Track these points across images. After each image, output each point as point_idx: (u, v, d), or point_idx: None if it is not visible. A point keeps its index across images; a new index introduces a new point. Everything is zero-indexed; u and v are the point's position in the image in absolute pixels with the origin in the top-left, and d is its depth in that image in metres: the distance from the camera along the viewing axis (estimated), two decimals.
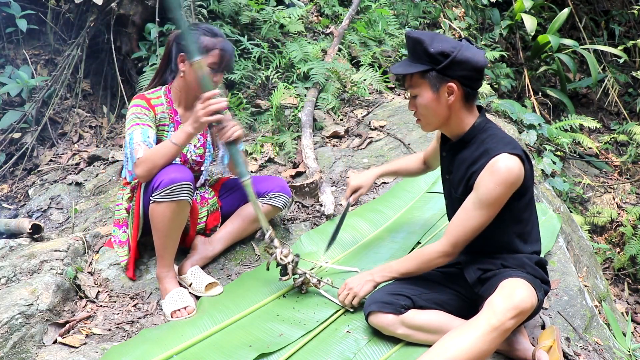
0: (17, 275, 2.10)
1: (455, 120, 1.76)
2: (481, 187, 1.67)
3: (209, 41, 2.04)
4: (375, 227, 2.53)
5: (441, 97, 1.71)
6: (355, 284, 1.94)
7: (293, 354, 1.81)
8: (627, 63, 6.27)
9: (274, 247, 2.01)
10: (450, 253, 1.78)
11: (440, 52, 1.65)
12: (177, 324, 1.94)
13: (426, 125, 1.82)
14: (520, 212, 1.76)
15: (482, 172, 1.67)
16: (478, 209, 1.69)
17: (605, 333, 2.22)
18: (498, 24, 5.69)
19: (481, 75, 1.71)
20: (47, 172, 3.47)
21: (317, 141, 3.34)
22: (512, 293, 1.59)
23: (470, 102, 1.75)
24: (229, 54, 2.07)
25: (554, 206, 2.90)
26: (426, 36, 1.68)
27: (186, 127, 1.91)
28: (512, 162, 1.64)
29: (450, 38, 1.73)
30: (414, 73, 1.72)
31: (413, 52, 1.73)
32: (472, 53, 1.67)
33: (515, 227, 1.78)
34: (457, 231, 1.74)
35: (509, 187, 1.65)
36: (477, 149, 1.73)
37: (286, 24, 4.00)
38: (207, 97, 1.84)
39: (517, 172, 1.65)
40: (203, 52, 2.02)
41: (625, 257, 4.14)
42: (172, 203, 1.94)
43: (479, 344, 1.51)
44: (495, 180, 1.64)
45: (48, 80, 3.73)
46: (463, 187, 1.77)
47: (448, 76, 1.68)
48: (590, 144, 4.84)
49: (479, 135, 1.75)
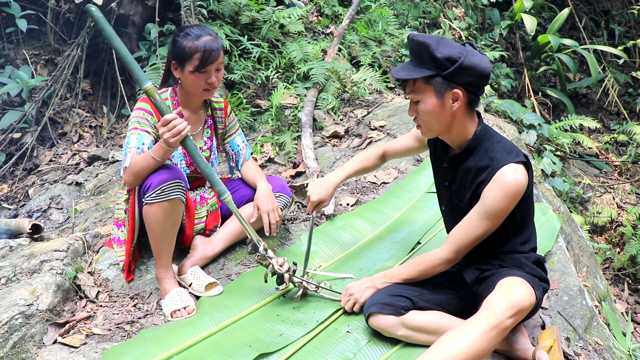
0: (17, 275, 2.10)
1: (457, 127, 1.74)
2: (488, 199, 1.66)
3: (190, 44, 2.02)
4: (375, 227, 2.53)
5: (445, 103, 1.67)
6: (356, 290, 1.93)
7: (293, 354, 1.81)
8: (627, 63, 6.27)
9: (269, 258, 2.01)
10: (452, 260, 1.79)
11: (447, 58, 1.61)
12: (177, 324, 1.94)
13: (427, 132, 1.79)
14: (520, 214, 1.76)
15: (489, 184, 1.66)
16: (484, 220, 1.69)
17: (605, 333, 2.22)
18: (498, 24, 5.69)
19: (486, 82, 1.68)
20: (47, 172, 3.47)
21: (317, 141, 3.34)
22: (510, 292, 1.59)
23: (472, 108, 1.73)
24: (208, 52, 2.02)
25: (554, 206, 2.90)
26: (432, 40, 1.63)
27: (163, 145, 1.88)
28: (519, 173, 1.64)
29: (455, 43, 1.68)
30: (419, 78, 1.67)
31: (418, 56, 1.67)
32: (478, 59, 1.63)
33: (513, 228, 1.78)
34: (460, 239, 1.75)
35: (515, 198, 1.66)
36: (482, 158, 1.72)
37: (286, 24, 4.00)
38: (167, 120, 1.81)
39: (524, 184, 1.65)
40: (187, 57, 2.01)
41: (625, 257, 4.14)
42: (165, 203, 1.94)
43: (477, 343, 1.51)
44: (503, 193, 1.64)
45: (48, 80, 3.74)
46: (470, 197, 1.76)
47: (454, 82, 1.64)
48: (590, 144, 4.84)
49: (482, 143, 1.74)
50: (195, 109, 2.24)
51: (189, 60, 2.03)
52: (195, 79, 2.06)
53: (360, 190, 2.89)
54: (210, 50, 2.02)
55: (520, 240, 1.80)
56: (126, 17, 3.75)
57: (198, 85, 2.08)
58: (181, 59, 2.05)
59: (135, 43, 3.84)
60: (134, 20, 3.79)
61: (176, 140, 1.83)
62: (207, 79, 2.07)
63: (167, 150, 1.88)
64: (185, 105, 2.20)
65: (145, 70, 3.51)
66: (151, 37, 3.64)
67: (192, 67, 2.03)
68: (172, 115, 1.82)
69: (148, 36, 3.72)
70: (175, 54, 2.06)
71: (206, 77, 2.06)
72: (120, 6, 3.70)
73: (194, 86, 2.09)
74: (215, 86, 2.12)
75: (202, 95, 2.15)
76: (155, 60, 3.53)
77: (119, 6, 3.68)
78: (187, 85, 2.11)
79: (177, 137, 1.83)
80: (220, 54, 2.07)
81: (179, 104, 2.18)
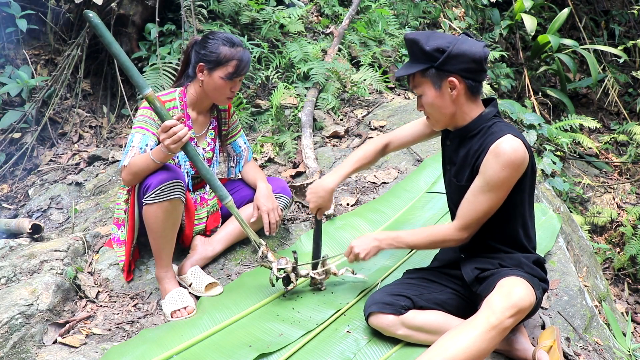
0: (17, 275, 2.10)
1: (461, 115, 1.76)
2: (488, 171, 1.67)
3: (227, 51, 2.07)
4: (375, 227, 2.53)
5: (444, 93, 1.72)
6: (361, 248, 1.92)
7: (293, 354, 1.81)
8: (627, 63, 6.27)
9: (270, 262, 2.01)
10: (462, 237, 1.79)
11: (435, 49, 1.67)
12: (177, 324, 1.94)
13: (435, 123, 1.83)
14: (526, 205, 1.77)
15: (487, 155, 1.67)
16: (487, 192, 1.69)
17: (605, 333, 2.22)
18: (498, 24, 5.69)
19: (481, 67, 1.70)
20: (47, 172, 3.47)
21: (317, 141, 3.34)
22: (510, 292, 1.59)
23: (475, 95, 1.75)
24: (245, 63, 2.11)
25: (554, 206, 2.90)
26: (422, 36, 1.70)
27: (163, 149, 1.88)
28: (517, 143, 1.64)
29: (448, 34, 1.73)
30: (415, 73, 1.74)
31: (411, 53, 1.75)
32: (468, 45, 1.67)
33: (521, 221, 1.79)
34: (467, 215, 1.75)
35: (516, 169, 1.65)
36: (482, 137, 1.74)
37: (286, 24, 4.00)
38: (168, 126, 1.81)
39: (523, 154, 1.65)
40: (222, 62, 2.06)
41: (625, 257, 4.14)
42: (164, 203, 1.94)
43: (477, 343, 1.51)
44: (501, 162, 1.64)
45: (48, 80, 3.73)
46: (469, 174, 1.77)
47: (447, 71, 1.69)
48: (590, 144, 4.83)
49: (485, 124, 1.75)
50: (203, 111, 2.25)
51: (223, 65, 2.07)
52: (222, 85, 2.10)
53: (360, 190, 2.89)
54: (247, 61, 2.11)
55: (527, 235, 1.81)
56: (126, 17, 3.75)
57: (223, 92, 2.12)
58: (214, 63, 2.07)
59: (135, 43, 3.84)
60: (134, 20, 3.79)
61: (177, 146, 1.84)
62: (232, 88, 2.13)
63: (167, 154, 1.89)
64: (194, 107, 2.21)
65: (145, 70, 3.51)
66: (151, 37, 3.64)
67: (224, 74, 2.07)
68: (172, 121, 1.82)
69: (148, 36, 3.72)
70: (207, 57, 2.08)
71: (232, 86, 2.12)
72: (120, 6, 3.70)
73: (218, 92, 2.12)
74: (234, 96, 2.20)
75: (222, 102, 2.20)
76: (155, 60, 3.53)
77: (119, 6, 3.68)
78: (209, 89, 2.12)
79: (177, 143, 1.83)
80: (249, 67, 2.16)
81: (186, 105, 2.19)
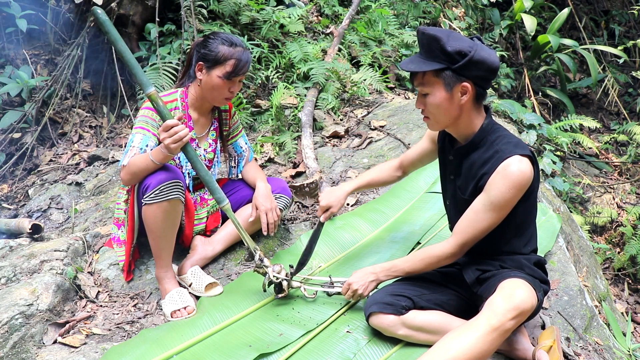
0: (17, 275, 2.10)
1: (464, 121, 1.74)
2: (493, 190, 1.66)
3: (226, 50, 2.07)
4: (375, 227, 2.53)
5: (454, 96, 1.68)
6: (359, 284, 1.91)
7: (293, 354, 1.81)
8: (627, 63, 6.28)
9: (265, 267, 2.00)
10: (458, 253, 1.78)
11: (458, 51, 1.62)
12: (177, 324, 1.94)
13: (434, 124, 1.80)
14: (523, 214, 1.76)
15: (494, 174, 1.65)
16: (489, 211, 1.68)
17: (605, 333, 2.22)
18: (498, 24, 5.69)
19: (494, 76, 1.69)
20: (47, 172, 3.47)
21: (317, 141, 3.34)
22: (512, 294, 1.58)
23: (480, 102, 1.74)
24: (243, 63, 2.09)
25: (554, 206, 2.90)
26: (443, 33, 1.64)
27: (163, 150, 1.88)
28: (524, 165, 1.63)
29: (465, 37, 1.69)
30: (428, 71, 1.68)
31: (428, 49, 1.67)
32: (487, 53, 1.64)
33: (515, 229, 1.77)
34: (466, 232, 1.74)
35: (521, 190, 1.65)
36: (487, 151, 1.72)
37: (286, 24, 4.00)
38: (169, 125, 1.81)
39: (529, 175, 1.65)
40: (220, 61, 2.05)
41: (625, 257, 4.14)
42: (164, 203, 1.94)
43: (479, 345, 1.51)
44: (508, 184, 1.63)
45: (48, 80, 3.73)
46: (472, 189, 1.76)
47: (463, 76, 1.65)
48: (590, 144, 4.83)
49: (488, 137, 1.74)
50: (204, 112, 2.25)
51: (221, 65, 2.06)
52: (220, 85, 2.08)
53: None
54: (246, 61, 2.09)
55: (522, 241, 1.79)
56: (126, 17, 3.75)
57: (220, 92, 2.11)
58: (213, 62, 2.07)
59: (135, 43, 3.84)
60: (134, 20, 3.79)
61: (177, 146, 1.84)
62: (231, 88, 2.11)
63: (167, 155, 1.89)
64: (195, 108, 2.21)
65: (145, 70, 3.51)
66: (151, 37, 3.64)
67: (222, 73, 2.06)
68: (173, 121, 1.82)
69: (148, 36, 3.72)
70: (207, 56, 2.07)
71: (230, 86, 2.10)
72: (120, 6, 3.70)
73: (216, 91, 2.11)
74: (233, 97, 2.17)
75: (219, 102, 2.18)
76: (155, 60, 3.53)
77: (119, 6, 3.68)
78: (207, 89, 2.12)
79: (177, 143, 1.83)
80: (249, 67, 2.13)
81: (188, 106, 2.19)
